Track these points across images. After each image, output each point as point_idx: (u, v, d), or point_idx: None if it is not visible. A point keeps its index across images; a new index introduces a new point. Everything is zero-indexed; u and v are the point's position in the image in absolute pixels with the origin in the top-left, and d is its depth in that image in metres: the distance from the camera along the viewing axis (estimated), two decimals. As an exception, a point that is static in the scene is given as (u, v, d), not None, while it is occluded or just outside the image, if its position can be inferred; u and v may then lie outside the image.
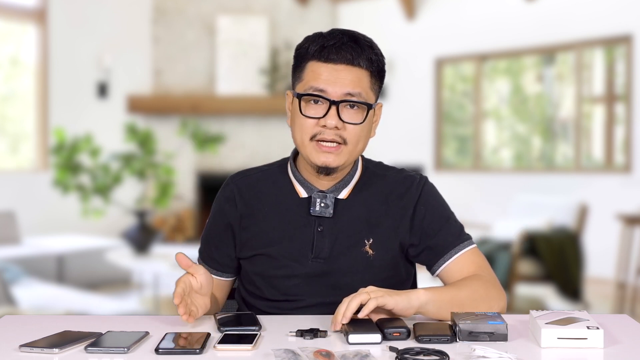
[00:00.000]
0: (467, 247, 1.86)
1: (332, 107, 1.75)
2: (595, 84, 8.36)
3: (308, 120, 1.77)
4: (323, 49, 1.76)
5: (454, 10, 9.20)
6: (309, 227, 1.84)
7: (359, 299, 1.60)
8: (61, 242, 7.85)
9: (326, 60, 1.76)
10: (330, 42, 1.76)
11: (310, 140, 1.78)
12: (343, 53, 1.75)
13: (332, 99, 1.75)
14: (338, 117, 1.75)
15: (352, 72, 1.76)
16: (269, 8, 9.74)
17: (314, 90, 1.76)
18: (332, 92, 1.75)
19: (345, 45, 1.76)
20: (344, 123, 1.76)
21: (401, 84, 9.45)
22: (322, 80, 1.75)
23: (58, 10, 9.01)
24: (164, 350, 1.47)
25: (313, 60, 1.77)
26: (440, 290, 1.74)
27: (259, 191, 1.89)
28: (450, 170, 9.36)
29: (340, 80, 1.75)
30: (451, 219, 1.88)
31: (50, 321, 1.72)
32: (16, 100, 9.20)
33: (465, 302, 1.74)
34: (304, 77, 1.78)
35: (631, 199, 7.30)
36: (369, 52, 1.78)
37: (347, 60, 1.76)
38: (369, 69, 1.78)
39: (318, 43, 1.77)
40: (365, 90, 1.78)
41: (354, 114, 1.78)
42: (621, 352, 1.50)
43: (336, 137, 1.77)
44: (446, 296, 1.72)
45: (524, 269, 6.35)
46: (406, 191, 1.87)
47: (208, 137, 7.82)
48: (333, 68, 1.76)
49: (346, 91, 1.75)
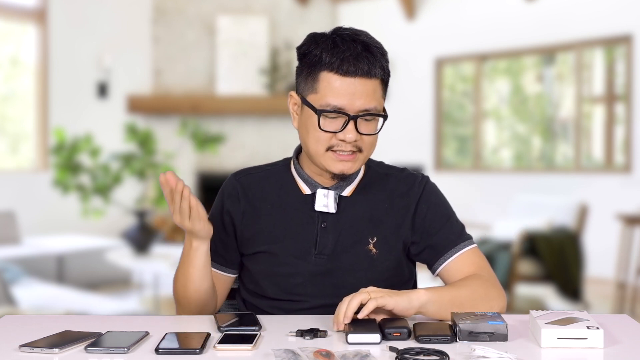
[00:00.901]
0: (468, 246, 1.86)
1: (351, 122, 1.75)
2: (595, 84, 8.36)
3: (323, 133, 1.77)
4: (342, 62, 1.73)
5: (454, 10, 9.20)
6: (313, 224, 1.85)
7: (359, 299, 1.60)
8: (61, 242, 7.85)
9: (343, 73, 1.74)
10: (346, 53, 1.74)
11: (327, 151, 1.79)
12: (360, 65, 1.74)
13: (350, 114, 1.75)
14: (357, 131, 1.76)
15: (367, 85, 1.75)
16: (269, 8, 9.74)
17: (332, 107, 1.75)
18: (350, 108, 1.75)
19: (361, 56, 1.74)
20: (361, 135, 1.77)
21: (401, 84, 9.45)
22: (340, 96, 1.74)
23: (58, 10, 9.01)
24: (164, 350, 1.47)
25: (327, 71, 1.75)
26: (441, 290, 1.74)
27: (262, 189, 1.90)
28: (450, 170, 9.36)
29: (357, 95, 1.74)
30: (452, 218, 1.89)
31: (50, 321, 1.72)
32: (16, 100, 9.20)
33: (466, 302, 1.74)
34: (319, 90, 1.76)
35: (631, 199, 7.30)
36: (382, 60, 1.78)
37: (363, 72, 1.74)
38: (382, 77, 1.78)
39: (333, 54, 1.74)
40: (379, 101, 1.78)
41: (370, 125, 1.79)
42: (621, 352, 1.50)
43: (353, 147, 1.78)
44: (446, 296, 1.73)
45: (524, 269, 6.35)
46: (408, 190, 1.88)
47: (208, 137, 7.82)
48: (350, 82, 1.74)
49: (364, 107, 1.75)
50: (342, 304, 1.61)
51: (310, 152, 1.81)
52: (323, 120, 1.76)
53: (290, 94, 1.85)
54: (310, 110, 1.78)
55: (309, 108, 1.78)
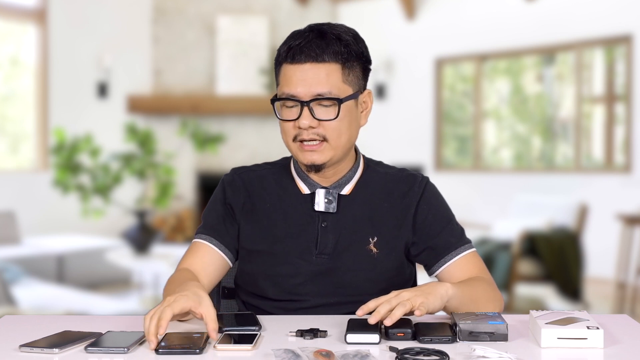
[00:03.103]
0: (468, 250, 1.87)
1: (305, 108, 1.77)
2: (595, 84, 8.36)
3: (287, 123, 1.80)
4: (289, 49, 1.78)
5: (454, 10, 9.20)
6: (313, 224, 1.84)
7: (404, 310, 1.56)
8: (61, 242, 7.85)
9: (293, 61, 1.77)
10: (297, 42, 1.78)
11: (294, 142, 1.80)
12: (307, 51, 1.76)
13: (302, 99, 1.77)
14: (312, 117, 1.77)
15: (319, 69, 1.77)
16: (269, 8, 9.74)
17: (285, 95, 1.78)
18: (302, 93, 1.77)
19: (310, 43, 1.77)
20: (319, 121, 1.77)
21: (401, 84, 9.46)
22: (292, 83, 1.77)
23: (58, 10, 9.01)
24: (164, 350, 1.47)
25: (284, 63, 1.80)
26: (461, 286, 1.74)
27: (261, 187, 1.90)
28: (450, 170, 9.36)
29: (308, 80, 1.76)
30: (453, 220, 1.90)
31: (50, 321, 1.72)
32: (16, 100, 9.20)
33: (480, 300, 1.76)
34: (280, 81, 1.81)
35: (631, 199, 7.30)
36: (335, 44, 1.77)
37: (312, 58, 1.76)
38: (338, 61, 1.78)
39: (286, 44, 1.80)
40: (337, 85, 1.77)
41: (327, 111, 1.78)
42: (621, 352, 1.50)
43: (314, 135, 1.78)
44: (466, 292, 1.73)
45: (524, 269, 6.35)
46: (408, 190, 1.88)
47: (208, 137, 7.82)
48: (300, 68, 1.77)
49: (315, 92, 1.76)
50: (387, 303, 1.56)
51: (286, 145, 1.84)
52: (281, 109, 1.81)
53: None
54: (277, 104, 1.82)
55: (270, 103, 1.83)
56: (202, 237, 1.88)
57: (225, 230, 1.87)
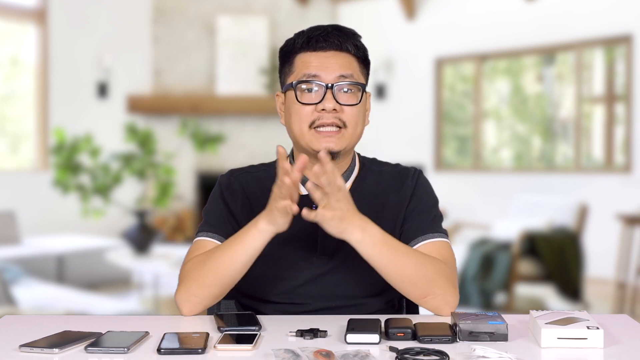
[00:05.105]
0: (439, 238, 1.84)
1: (328, 91, 1.78)
2: (595, 84, 8.36)
3: (305, 107, 1.79)
4: (310, 39, 1.81)
5: (454, 10, 9.20)
6: (313, 225, 1.83)
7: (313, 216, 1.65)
8: (61, 242, 7.85)
9: (315, 49, 1.80)
10: (316, 32, 1.81)
11: (310, 129, 1.79)
12: (330, 40, 1.80)
13: (326, 83, 1.78)
14: (335, 100, 1.78)
15: (341, 57, 1.81)
16: (269, 8, 9.74)
17: (307, 77, 1.79)
18: (325, 76, 1.79)
19: (331, 34, 1.81)
20: (342, 105, 1.79)
21: (401, 84, 9.46)
22: (313, 67, 1.79)
23: (58, 10, 9.01)
24: (166, 350, 1.47)
25: (302, 52, 1.81)
26: (391, 242, 1.71)
27: (259, 189, 1.88)
28: (450, 170, 9.36)
29: (331, 65, 1.79)
30: (433, 210, 1.88)
31: (50, 321, 1.72)
32: (16, 100, 9.20)
33: (414, 274, 1.72)
34: (295, 69, 1.82)
35: (631, 199, 7.30)
36: (354, 39, 1.84)
37: (335, 46, 1.80)
38: (356, 54, 1.83)
39: (304, 35, 1.82)
40: (357, 73, 1.82)
41: (350, 96, 1.81)
42: (621, 352, 1.50)
43: (336, 119, 1.79)
44: (394, 252, 1.71)
45: (524, 269, 6.35)
46: (402, 184, 1.89)
47: (208, 137, 7.82)
48: (323, 55, 1.80)
49: (339, 74, 1.79)
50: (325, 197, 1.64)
51: (296, 135, 1.82)
52: (300, 93, 1.80)
53: (277, 94, 1.90)
54: (291, 92, 1.81)
55: (289, 89, 1.82)
56: (205, 235, 1.86)
57: (227, 228, 1.87)
